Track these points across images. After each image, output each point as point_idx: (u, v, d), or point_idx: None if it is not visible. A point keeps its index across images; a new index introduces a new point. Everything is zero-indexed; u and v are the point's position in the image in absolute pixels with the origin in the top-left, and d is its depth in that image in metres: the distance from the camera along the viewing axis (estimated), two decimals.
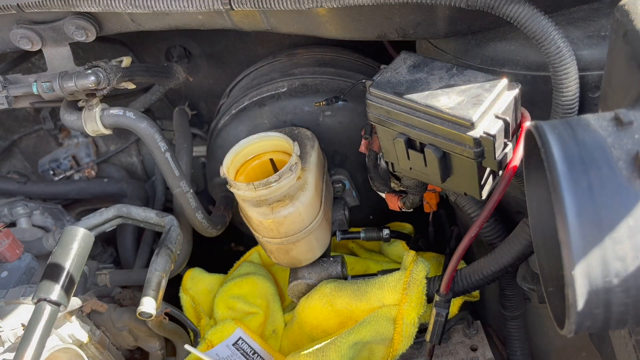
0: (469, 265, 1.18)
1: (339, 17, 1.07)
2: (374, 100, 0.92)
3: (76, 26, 1.17)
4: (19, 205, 1.61)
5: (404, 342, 1.22)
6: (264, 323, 1.43)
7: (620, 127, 0.56)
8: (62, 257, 1.11)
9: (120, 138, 1.93)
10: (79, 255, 1.12)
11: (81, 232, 1.14)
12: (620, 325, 0.56)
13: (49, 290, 1.07)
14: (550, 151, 0.55)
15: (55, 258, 1.11)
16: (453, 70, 0.91)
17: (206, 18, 1.16)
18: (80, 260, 1.12)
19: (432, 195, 1.25)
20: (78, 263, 1.12)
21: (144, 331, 1.35)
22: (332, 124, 1.38)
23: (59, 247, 1.12)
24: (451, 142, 0.87)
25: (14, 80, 1.22)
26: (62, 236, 1.14)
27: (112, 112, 1.24)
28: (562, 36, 0.86)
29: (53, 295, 1.06)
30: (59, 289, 1.07)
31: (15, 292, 1.22)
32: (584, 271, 0.52)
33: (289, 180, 1.15)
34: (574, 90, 0.88)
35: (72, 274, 1.10)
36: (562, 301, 0.58)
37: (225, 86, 1.65)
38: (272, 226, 1.19)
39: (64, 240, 1.13)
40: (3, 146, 1.92)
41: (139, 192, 1.84)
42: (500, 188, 0.89)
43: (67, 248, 1.12)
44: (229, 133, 1.43)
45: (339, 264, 1.33)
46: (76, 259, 1.11)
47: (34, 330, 1.02)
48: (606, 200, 0.53)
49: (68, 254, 1.11)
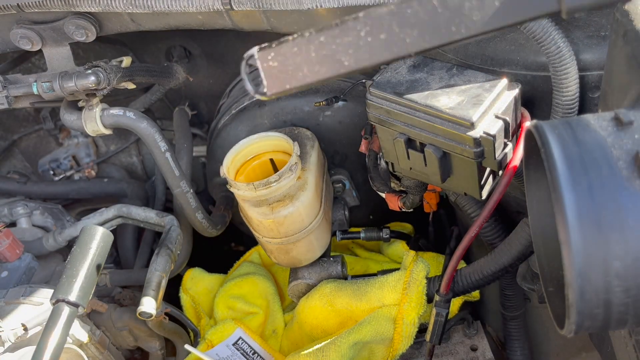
0: (469, 265, 1.18)
1: (339, 17, 1.07)
2: (374, 100, 0.92)
3: (76, 26, 1.17)
4: (19, 205, 1.60)
5: (404, 342, 1.22)
6: (264, 323, 1.43)
7: (620, 127, 0.56)
8: (81, 257, 1.08)
9: (120, 138, 1.92)
10: (98, 255, 1.09)
11: (100, 231, 1.11)
12: (620, 325, 0.56)
13: (68, 291, 1.04)
14: (550, 151, 0.55)
15: (73, 258, 1.08)
16: (453, 70, 0.91)
17: (206, 18, 1.16)
18: (100, 260, 1.09)
19: (432, 195, 1.25)
20: (97, 263, 1.08)
21: (144, 331, 1.35)
22: (332, 124, 1.38)
23: (78, 247, 1.09)
24: (451, 142, 0.87)
25: (14, 80, 1.22)
26: (81, 235, 1.10)
27: (112, 112, 1.24)
28: (562, 36, 0.86)
29: (71, 296, 1.03)
30: (78, 290, 1.04)
31: (15, 292, 1.22)
32: (584, 271, 0.52)
33: (289, 180, 1.15)
34: (574, 90, 0.88)
35: (91, 274, 1.07)
36: (562, 301, 0.58)
37: (225, 86, 1.65)
38: (272, 226, 1.19)
39: (82, 240, 1.10)
40: (3, 146, 1.92)
41: (139, 192, 1.84)
42: (500, 188, 0.89)
43: (86, 248, 1.08)
44: (229, 133, 1.43)
45: (339, 264, 1.33)
46: (95, 259, 1.08)
47: (52, 332, 1.00)
48: (606, 200, 0.53)
49: (87, 254, 1.08)
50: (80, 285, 1.05)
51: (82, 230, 1.12)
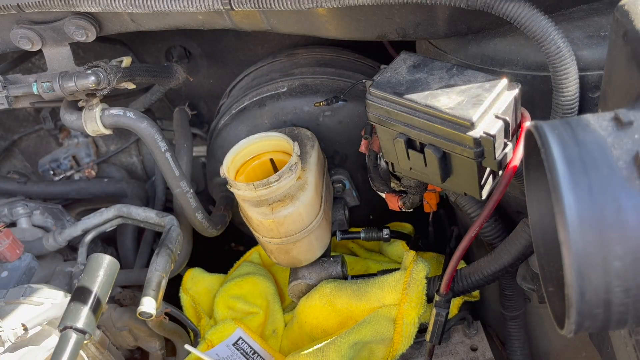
0: (469, 265, 1.18)
1: (339, 17, 1.07)
2: (374, 100, 0.92)
3: (76, 26, 1.17)
4: (19, 205, 1.60)
5: (404, 342, 1.22)
6: (264, 323, 1.43)
7: (620, 127, 0.56)
8: (89, 284, 1.10)
9: (120, 138, 1.93)
10: (105, 283, 1.12)
11: (107, 259, 1.14)
12: (620, 325, 0.56)
13: (75, 317, 1.05)
14: (550, 151, 0.55)
15: (82, 285, 1.10)
16: (453, 70, 0.91)
17: (206, 18, 1.16)
18: (107, 287, 1.12)
19: (432, 195, 1.25)
20: (104, 290, 1.11)
21: (144, 331, 1.35)
22: (332, 124, 1.38)
23: (86, 275, 1.11)
24: (451, 142, 0.87)
25: (14, 80, 1.22)
26: (89, 263, 1.13)
27: (112, 112, 1.24)
28: (562, 36, 0.86)
29: (79, 323, 1.05)
30: (85, 317, 1.06)
31: (15, 292, 1.22)
32: (584, 271, 0.52)
33: (289, 180, 1.15)
34: (574, 90, 0.88)
35: (98, 301, 1.09)
36: (562, 301, 0.58)
37: (225, 86, 1.65)
38: (272, 226, 1.19)
39: (90, 267, 1.12)
40: (3, 146, 1.92)
41: (139, 192, 1.84)
42: (500, 188, 0.89)
43: (94, 275, 1.11)
44: (229, 133, 1.43)
45: (339, 264, 1.33)
46: (102, 287, 1.11)
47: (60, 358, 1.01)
48: (606, 200, 0.53)
49: (94, 281, 1.10)
50: (87, 312, 1.07)
51: (90, 258, 1.15)
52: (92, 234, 1.39)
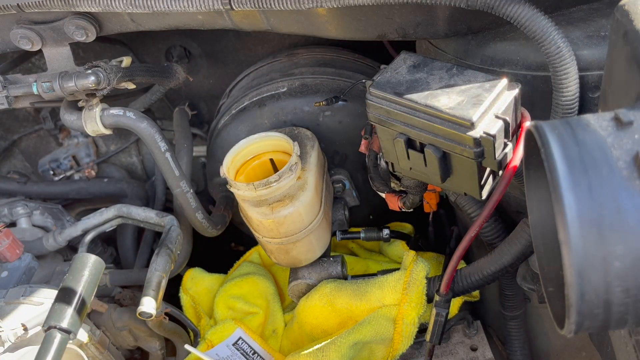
0: (469, 265, 1.18)
1: (339, 17, 1.07)
2: (374, 100, 0.92)
3: (76, 26, 1.17)
4: (19, 205, 1.61)
5: (404, 342, 1.22)
6: (264, 323, 1.43)
7: (620, 127, 0.56)
8: (73, 284, 1.09)
9: (120, 138, 1.93)
10: (90, 282, 1.11)
11: (92, 258, 1.14)
12: (620, 325, 0.56)
13: (60, 317, 1.05)
14: (550, 151, 0.55)
15: (66, 285, 1.10)
16: (453, 70, 0.91)
17: (206, 18, 1.16)
18: (91, 287, 1.11)
19: (432, 195, 1.25)
20: (89, 290, 1.11)
21: (144, 331, 1.35)
22: (332, 124, 1.38)
23: (70, 274, 1.11)
24: (451, 142, 0.87)
25: (14, 80, 1.22)
26: (73, 263, 1.13)
27: (112, 112, 1.24)
28: (562, 36, 0.86)
29: (64, 322, 1.05)
30: (70, 317, 1.05)
31: (15, 292, 1.22)
32: (584, 271, 0.52)
33: (289, 180, 1.15)
34: (574, 90, 0.88)
35: (83, 301, 1.09)
36: (562, 301, 0.58)
37: (225, 86, 1.65)
38: (272, 226, 1.19)
39: (75, 267, 1.12)
40: (3, 146, 1.92)
41: (139, 192, 1.84)
42: (500, 188, 0.89)
43: (79, 275, 1.10)
44: (229, 133, 1.43)
45: (339, 264, 1.33)
46: (87, 286, 1.10)
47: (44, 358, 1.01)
48: (606, 200, 0.52)
49: (79, 280, 1.10)
50: (72, 312, 1.06)
51: (75, 258, 1.14)
52: (92, 234, 1.39)
